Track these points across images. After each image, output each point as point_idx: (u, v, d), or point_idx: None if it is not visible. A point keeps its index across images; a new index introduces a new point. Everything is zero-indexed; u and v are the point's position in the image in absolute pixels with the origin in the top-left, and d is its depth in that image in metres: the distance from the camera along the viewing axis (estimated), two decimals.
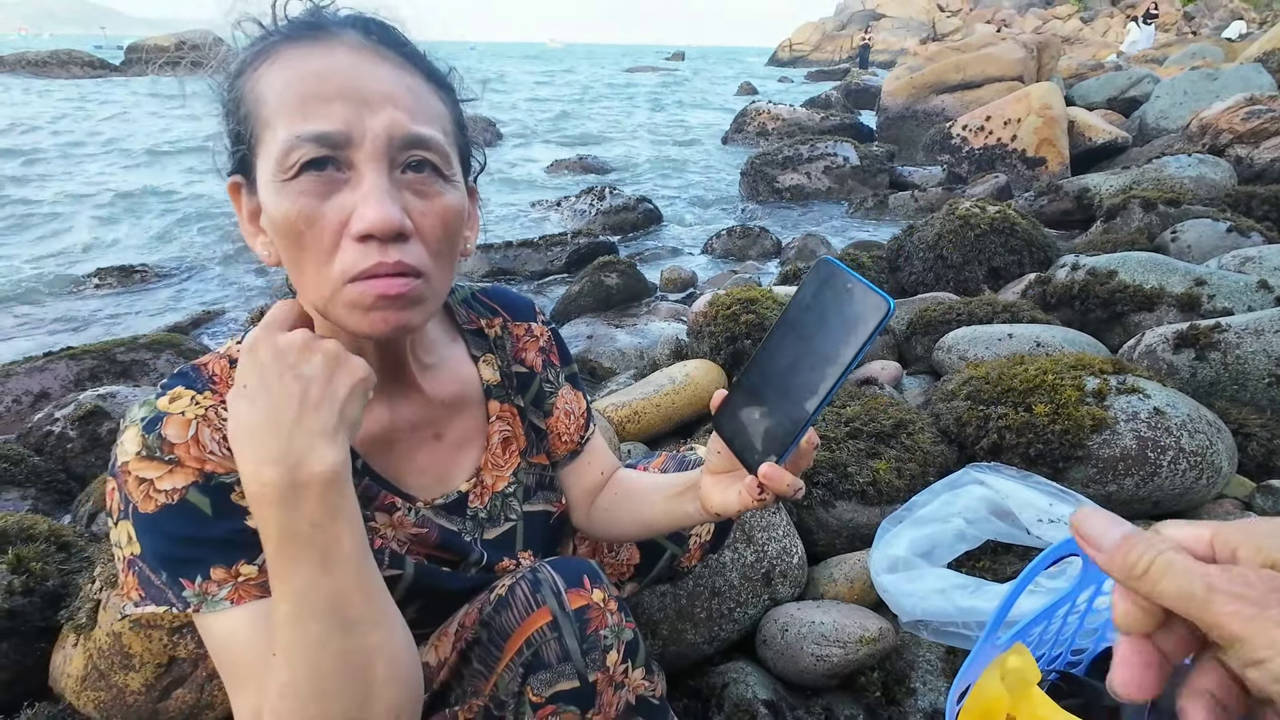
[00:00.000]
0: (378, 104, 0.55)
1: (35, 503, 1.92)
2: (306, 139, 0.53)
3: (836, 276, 0.51)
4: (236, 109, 0.58)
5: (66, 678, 1.08)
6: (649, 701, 0.72)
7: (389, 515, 0.69)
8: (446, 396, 0.73)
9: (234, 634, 0.56)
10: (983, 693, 0.75)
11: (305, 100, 0.54)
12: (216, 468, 0.57)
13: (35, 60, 20.47)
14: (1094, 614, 0.89)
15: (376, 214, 0.53)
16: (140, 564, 0.57)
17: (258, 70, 0.57)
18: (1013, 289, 2.93)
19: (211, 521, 0.57)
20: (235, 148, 0.59)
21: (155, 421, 0.57)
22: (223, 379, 0.62)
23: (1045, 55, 8.19)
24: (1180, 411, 1.41)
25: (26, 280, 4.40)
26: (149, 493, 0.56)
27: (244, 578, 0.57)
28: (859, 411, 1.64)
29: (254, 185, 0.58)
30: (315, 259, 0.55)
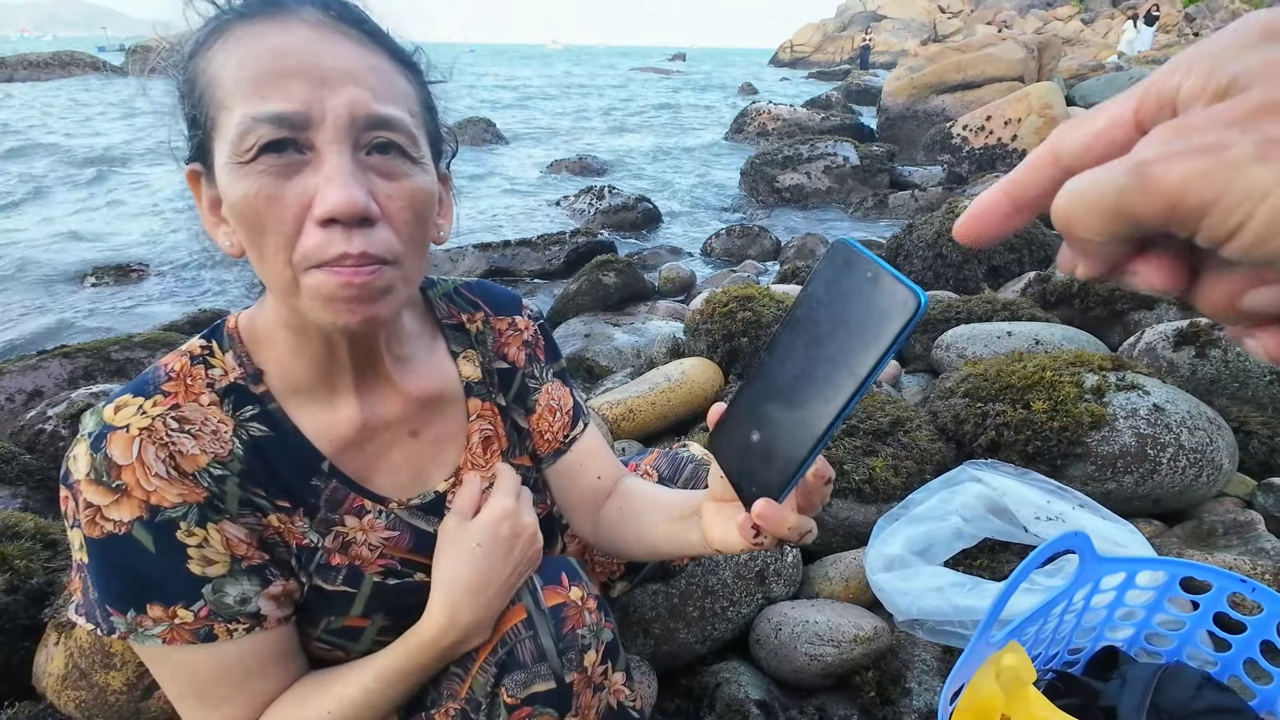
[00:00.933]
0: (338, 82, 0.52)
1: (26, 501, 1.90)
2: (263, 120, 0.50)
3: (856, 263, 0.39)
4: (191, 91, 0.55)
5: (48, 676, 1.06)
6: (630, 713, 0.70)
7: (359, 519, 0.66)
8: (423, 392, 0.70)
9: (188, 665, 0.58)
10: (977, 692, 0.73)
11: (261, 79, 0.51)
12: (162, 500, 0.55)
13: (37, 61, 20.49)
14: (1091, 612, 0.87)
15: (340, 195, 0.50)
16: (84, 573, 0.57)
17: (210, 50, 0.54)
18: (1012, 287, 2.91)
19: (154, 559, 0.55)
20: (192, 133, 0.56)
21: (101, 438, 0.55)
22: (179, 376, 0.59)
23: (1046, 55, 8.18)
24: (1180, 408, 1.39)
25: (21, 277, 4.40)
26: (95, 518, 0.54)
27: (180, 621, 0.56)
28: (855, 409, 1.62)
29: (213, 172, 0.55)
30: (275, 243, 0.52)
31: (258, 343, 0.63)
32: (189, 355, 0.61)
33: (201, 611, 0.57)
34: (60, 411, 2.22)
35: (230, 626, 0.58)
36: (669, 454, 1.00)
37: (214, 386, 0.60)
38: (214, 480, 0.58)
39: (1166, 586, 0.83)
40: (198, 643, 0.57)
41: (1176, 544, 1.30)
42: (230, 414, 0.60)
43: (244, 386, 0.61)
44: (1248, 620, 0.79)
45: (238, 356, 0.62)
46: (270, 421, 0.62)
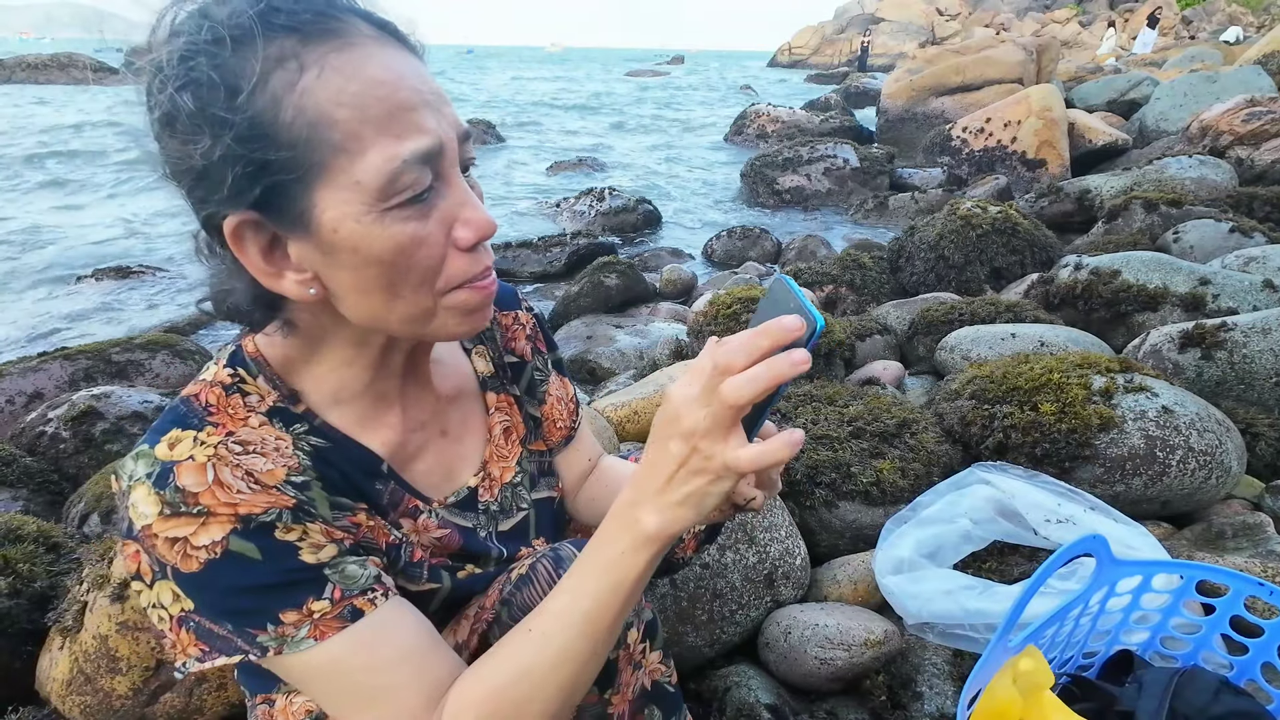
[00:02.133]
0: (439, 102, 0.52)
1: (27, 504, 1.89)
2: (413, 161, 0.49)
3: (784, 294, 0.52)
4: (268, 133, 0.47)
5: (52, 681, 1.05)
6: (665, 689, 0.71)
7: (414, 520, 0.66)
8: (448, 391, 0.72)
9: (346, 660, 0.54)
10: (994, 697, 0.73)
11: (391, 115, 0.49)
12: (251, 508, 0.52)
13: (36, 64, 20.47)
14: (1105, 615, 0.87)
15: (484, 220, 0.53)
16: (196, 619, 0.52)
17: (299, 85, 0.47)
18: (1015, 289, 2.91)
19: (263, 566, 0.52)
20: (258, 179, 0.48)
21: (165, 474, 0.51)
22: (220, 408, 0.56)
23: (1045, 58, 8.21)
24: (1189, 410, 1.39)
25: (22, 279, 4.38)
26: (186, 552, 0.51)
27: (319, 613, 0.54)
28: (862, 411, 1.62)
29: (289, 217, 0.50)
30: (420, 278, 0.53)
31: (288, 366, 0.61)
32: (220, 385, 0.58)
33: (334, 594, 0.54)
34: (61, 414, 2.21)
35: (369, 597, 0.56)
36: None
37: (256, 411, 0.58)
38: (297, 489, 0.56)
39: (1182, 590, 0.83)
40: (348, 625, 0.54)
41: (1186, 547, 1.29)
42: (284, 431, 0.58)
43: (285, 408, 0.60)
44: (1265, 624, 0.78)
45: (269, 380, 0.60)
46: (323, 434, 0.61)
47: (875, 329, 2.45)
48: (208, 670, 0.54)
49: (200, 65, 0.47)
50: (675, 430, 0.49)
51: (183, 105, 0.47)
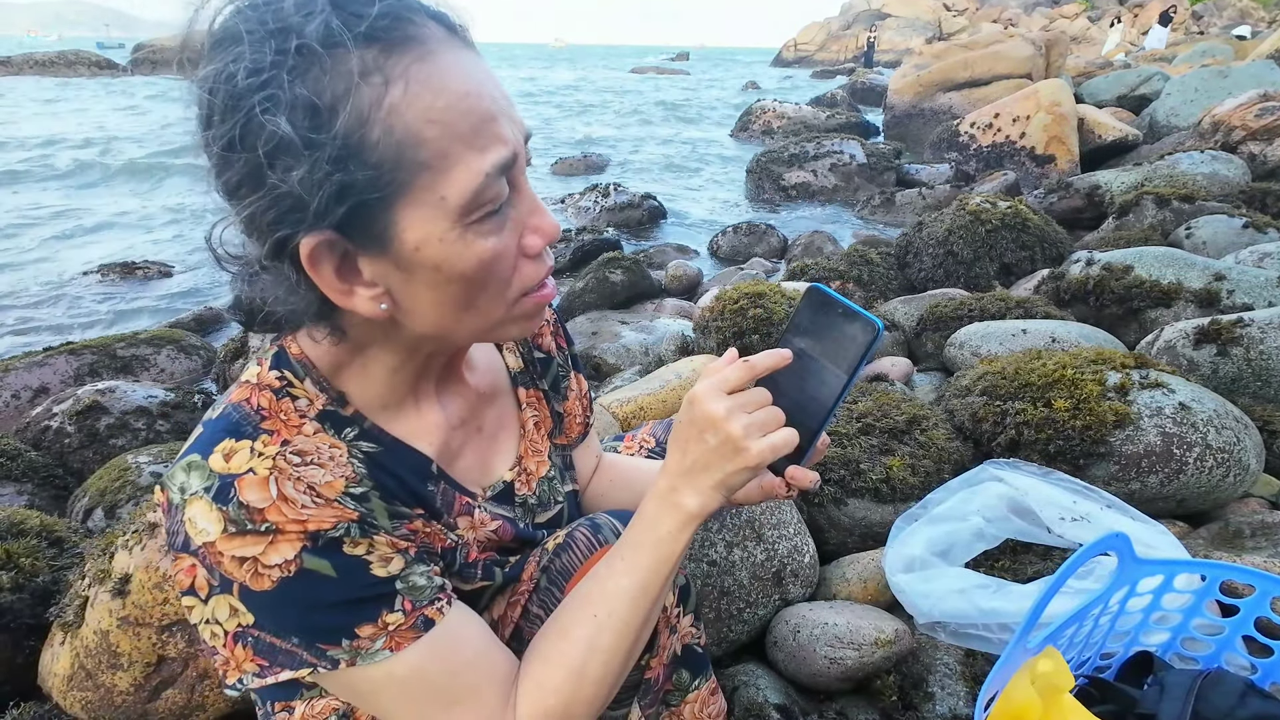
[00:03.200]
0: (509, 107, 0.51)
1: (32, 498, 1.89)
2: (494, 174, 0.48)
3: (828, 303, 0.57)
4: (356, 153, 0.45)
5: (54, 677, 1.05)
6: (694, 650, 0.74)
7: (470, 517, 0.67)
8: (485, 387, 0.73)
9: (423, 669, 0.55)
10: (1012, 698, 0.71)
11: (474, 128, 0.47)
12: (320, 524, 0.51)
13: (43, 60, 20.57)
14: (1125, 616, 0.85)
15: (553, 225, 0.55)
16: (255, 633, 0.51)
17: (386, 101, 0.45)
18: (1025, 285, 2.88)
19: (338, 583, 0.52)
20: (343, 199, 0.46)
21: (225, 489, 0.49)
22: (272, 414, 0.54)
23: (1054, 53, 8.13)
24: (1206, 407, 1.36)
25: (28, 274, 4.39)
26: (258, 570, 0.49)
27: (393, 626, 0.54)
28: (871, 407, 1.59)
29: (368, 237, 0.48)
30: (496, 290, 0.54)
31: (335, 369, 0.59)
32: (270, 389, 0.56)
33: (405, 605, 0.55)
34: (66, 409, 2.20)
35: (437, 607, 0.57)
36: (665, 422, 1.05)
37: (307, 416, 0.56)
38: (357, 501, 0.55)
39: (1206, 590, 0.80)
40: (421, 635, 0.55)
41: (1203, 546, 1.27)
42: (336, 438, 0.57)
43: (334, 411, 0.58)
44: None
45: (316, 383, 0.58)
46: (373, 438, 0.60)
47: (884, 324, 2.42)
48: (268, 684, 0.53)
49: (282, 81, 0.43)
50: (711, 427, 0.57)
51: (267, 126, 0.43)
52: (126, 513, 1.60)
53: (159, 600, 0.99)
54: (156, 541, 1.02)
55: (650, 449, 0.99)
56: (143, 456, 1.82)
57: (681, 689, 0.73)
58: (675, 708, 0.73)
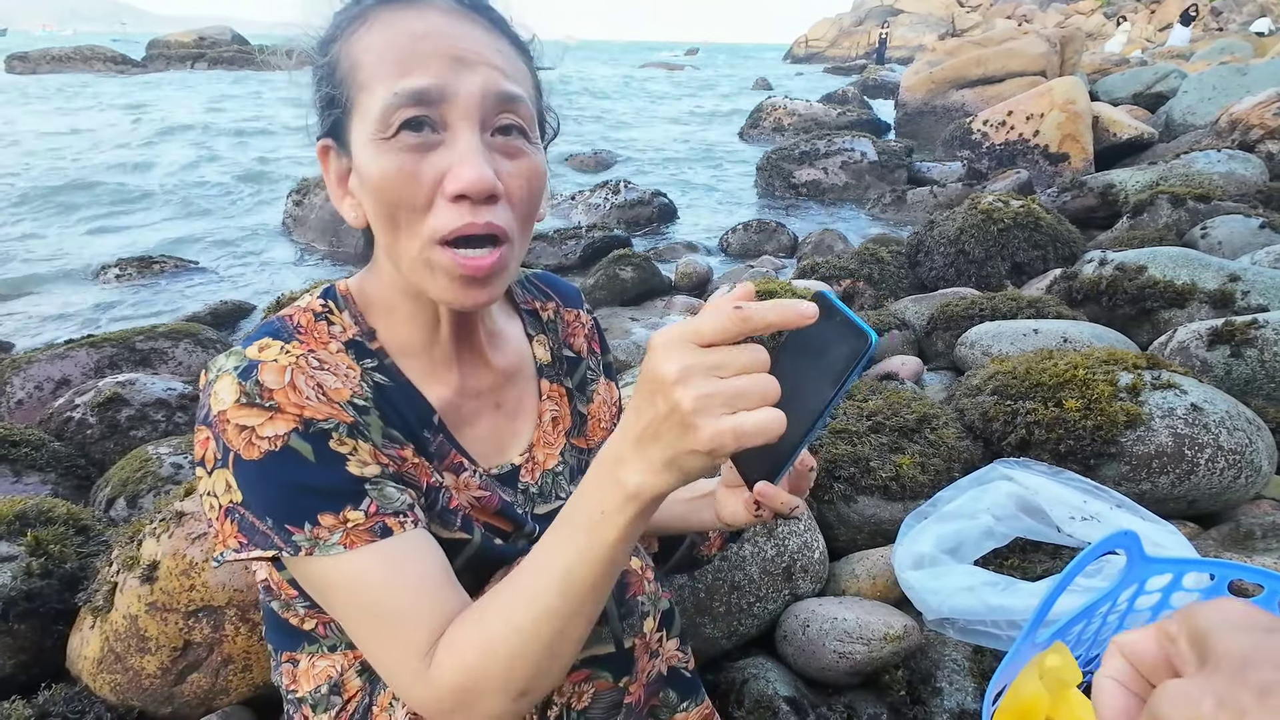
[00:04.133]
0: (473, 62, 0.56)
1: (55, 487, 1.93)
2: (405, 97, 0.54)
3: (828, 310, 0.51)
4: (331, 73, 0.59)
5: (83, 660, 1.08)
6: (681, 673, 0.72)
7: (456, 476, 0.69)
8: (506, 367, 0.75)
9: (365, 577, 0.56)
10: (1020, 692, 0.72)
11: (403, 59, 0.55)
12: (315, 414, 0.57)
13: (59, 56, 20.77)
14: (1135, 614, 0.85)
15: (473, 174, 0.54)
16: (241, 510, 0.56)
17: (354, 34, 0.58)
18: (1036, 285, 2.87)
19: (315, 468, 0.56)
20: (327, 111, 0.60)
21: (250, 369, 0.57)
22: (307, 329, 0.63)
23: (1068, 50, 8.05)
24: (1218, 408, 1.36)
25: (49, 269, 4.46)
26: (251, 439, 0.55)
27: (353, 523, 0.56)
28: (881, 405, 1.60)
29: (345, 148, 0.60)
30: (408, 217, 0.57)
31: (370, 306, 0.67)
32: (311, 312, 0.65)
33: (370, 508, 0.57)
34: (88, 400, 2.25)
35: (400, 519, 0.58)
36: None
37: (336, 339, 0.64)
38: (357, 411, 0.60)
39: (1214, 589, 0.81)
40: (376, 540, 0.56)
41: (1214, 547, 1.27)
42: (356, 362, 0.64)
43: (361, 343, 0.65)
44: None
45: (353, 316, 0.66)
46: (388, 374, 0.65)
47: (893, 324, 2.43)
48: (241, 561, 0.57)
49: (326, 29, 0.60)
50: (662, 383, 0.45)
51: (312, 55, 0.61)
52: (148, 502, 1.63)
53: (185, 587, 1.02)
54: (183, 530, 1.05)
55: None
56: (163, 448, 1.85)
57: (669, 707, 0.71)
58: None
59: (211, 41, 25.57)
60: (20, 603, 1.14)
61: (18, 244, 5.00)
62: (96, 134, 9.50)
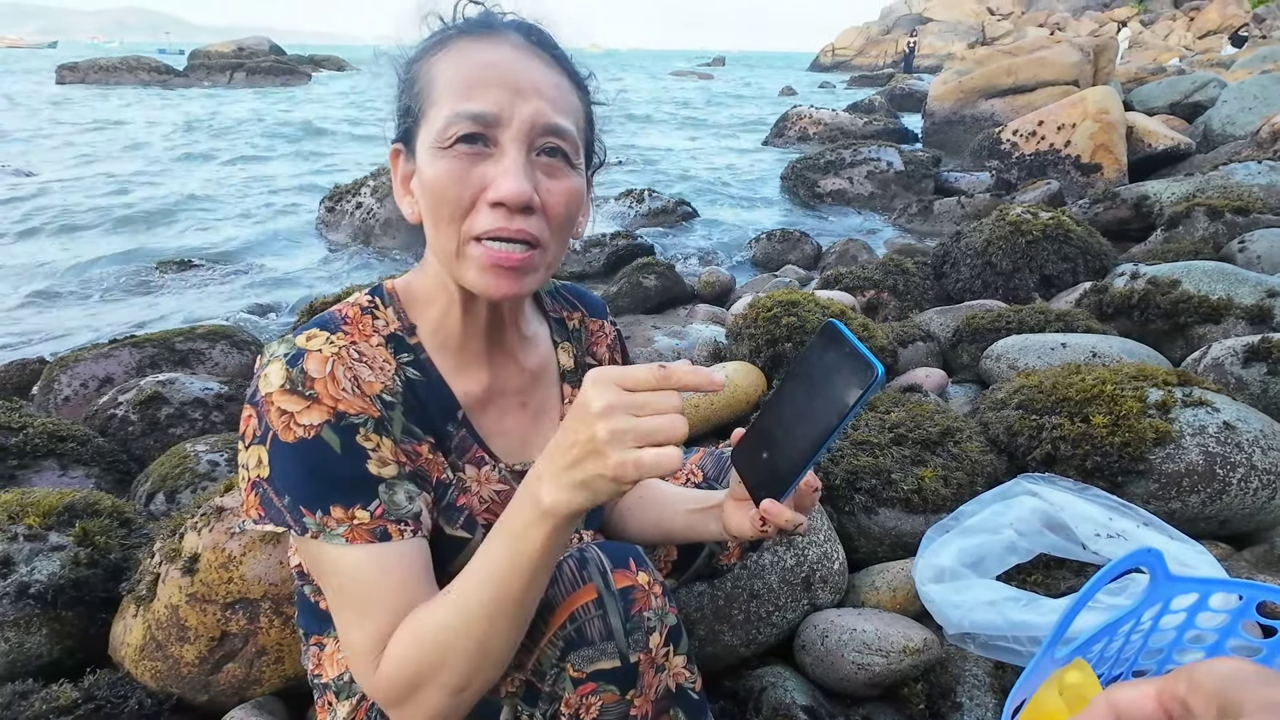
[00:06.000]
0: (529, 93, 0.64)
1: (98, 481, 2.01)
2: (465, 116, 0.62)
3: (838, 340, 0.56)
4: (410, 87, 0.67)
5: (126, 647, 1.13)
6: (689, 694, 0.72)
7: (477, 469, 0.74)
8: (534, 369, 0.80)
9: (359, 568, 0.62)
10: (1039, 707, 0.72)
11: (470, 84, 0.63)
12: (348, 407, 0.63)
13: (107, 66, 21.61)
14: (1158, 634, 0.85)
15: (511, 186, 0.62)
16: (265, 486, 0.62)
17: (434, 57, 0.67)
18: (1066, 298, 2.82)
19: (339, 460, 0.62)
20: (403, 120, 0.69)
21: (298, 357, 0.64)
22: (353, 321, 0.70)
23: (1102, 59, 7.91)
24: (1253, 427, 1.34)
25: (94, 272, 4.64)
26: (289, 424, 0.61)
27: (358, 521, 0.62)
28: (904, 417, 1.60)
29: (412, 153, 0.67)
30: (452, 215, 0.64)
31: (414, 302, 0.74)
32: (359, 306, 0.72)
33: (377, 511, 0.63)
34: (130, 398, 2.34)
35: (400, 527, 0.64)
36: (714, 453, 1.03)
37: (379, 333, 0.70)
38: (384, 406, 0.67)
39: (1242, 610, 0.80)
40: (375, 541, 0.62)
41: (1246, 568, 1.24)
42: (393, 356, 0.70)
43: (401, 337, 0.71)
44: None
45: (396, 312, 0.73)
46: (422, 368, 0.71)
47: (918, 335, 2.41)
48: (258, 532, 0.66)
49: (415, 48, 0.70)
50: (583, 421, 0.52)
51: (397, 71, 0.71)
52: (186, 497, 1.70)
53: (224, 579, 1.06)
54: (223, 524, 1.09)
55: (697, 483, 0.98)
56: (200, 445, 1.92)
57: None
58: None
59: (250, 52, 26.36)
60: (68, 590, 1.20)
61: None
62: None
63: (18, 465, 1.91)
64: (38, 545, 1.25)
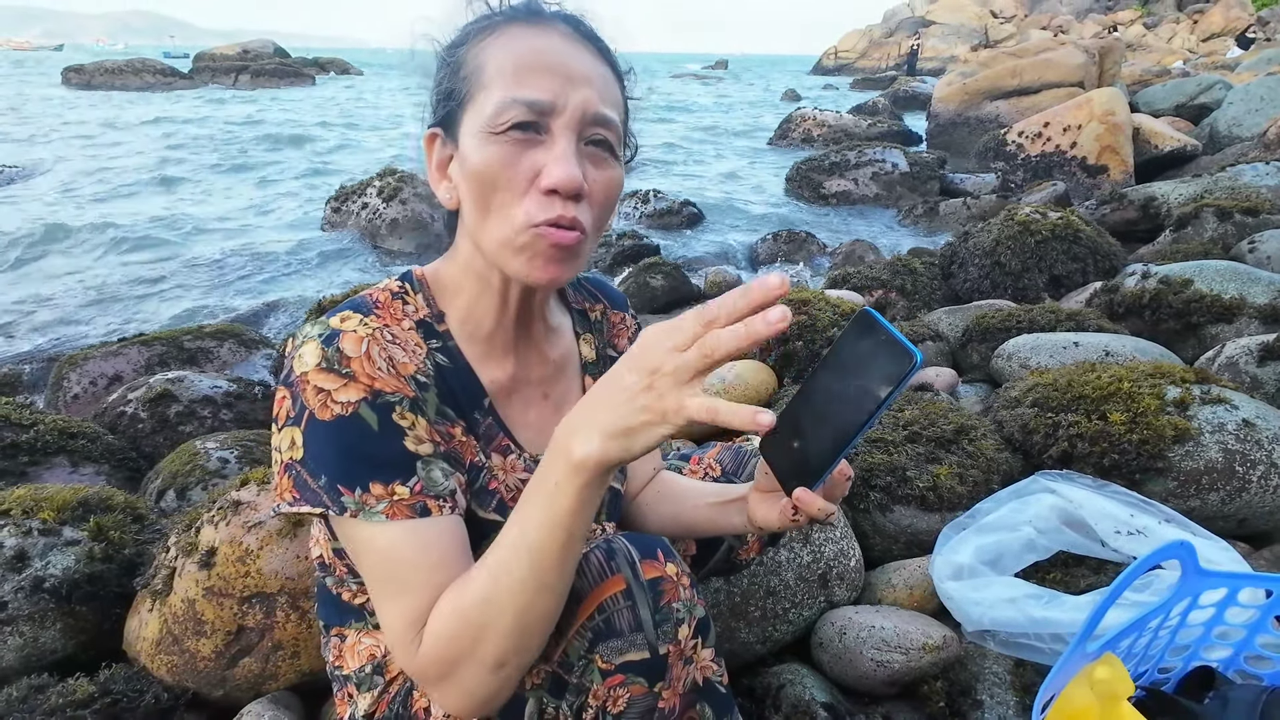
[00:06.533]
0: (580, 82, 0.64)
1: (109, 478, 2.01)
2: (521, 101, 0.62)
3: (874, 328, 0.55)
4: (456, 71, 0.67)
5: (141, 641, 1.12)
6: (717, 688, 0.72)
7: (503, 458, 0.74)
8: (557, 359, 0.80)
9: (396, 547, 0.61)
10: (1070, 703, 0.71)
11: (522, 70, 0.63)
12: (384, 386, 0.63)
13: (112, 69, 21.69)
14: (1186, 629, 0.84)
15: (565, 173, 0.62)
16: (298, 468, 0.62)
17: (483, 42, 0.66)
18: (1075, 298, 2.82)
19: (376, 438, 0.62)
20: (443, 104, 0.68)
21: (333, 337, 0.63)
22: (385, 305, 0.70)
23: (1107, 61, 7.91)
24: (1272, 424, 1.33)
25: (103, 273, 4.66)
26: (326, 402, 0.61)
27: (398, 497, 0.62)
28: (917, 415, 1.59)
29: (453, 137, 0.67)
30: (504, 201, 0.64)
31: (442, 290, 0.74)
32: (389, 291, 0.72)
33: (416, 487, 0.62)
34: (139, 396, 2.34)
35: (440, 503, 0.63)
36: (732, 448, 1.03)
37: (410, 318, 0.71)
38: (419, 386, 0.67)
39: (1272, 605, 0.79)
40: (415, 517, 0.62)
41: (1266, 566, 1.23)
42: (423, 341, 0.70)
43: (430, 324, 0.72)
44: None
45: (426, 299, 0.73)
46: (450, 355, 0.72)
47: (927, 335, 2.41)
48: (292, 514, 0.64)
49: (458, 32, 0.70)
50: (638, 365, 0.51)
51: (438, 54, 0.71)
52: (196, 494, 1.69)
53: (241, 573, 1.05)
54: (240, 518, 1.09)
55: (715, 477, 0.98)
56: (210, 443, 1.92)
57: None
58: None
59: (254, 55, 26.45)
60: (83, 585, 1.20)
61: None
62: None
63: (29, 462, 1.91)
64: (52, 540, 1.25)
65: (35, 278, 4.55)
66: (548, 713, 0.66)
